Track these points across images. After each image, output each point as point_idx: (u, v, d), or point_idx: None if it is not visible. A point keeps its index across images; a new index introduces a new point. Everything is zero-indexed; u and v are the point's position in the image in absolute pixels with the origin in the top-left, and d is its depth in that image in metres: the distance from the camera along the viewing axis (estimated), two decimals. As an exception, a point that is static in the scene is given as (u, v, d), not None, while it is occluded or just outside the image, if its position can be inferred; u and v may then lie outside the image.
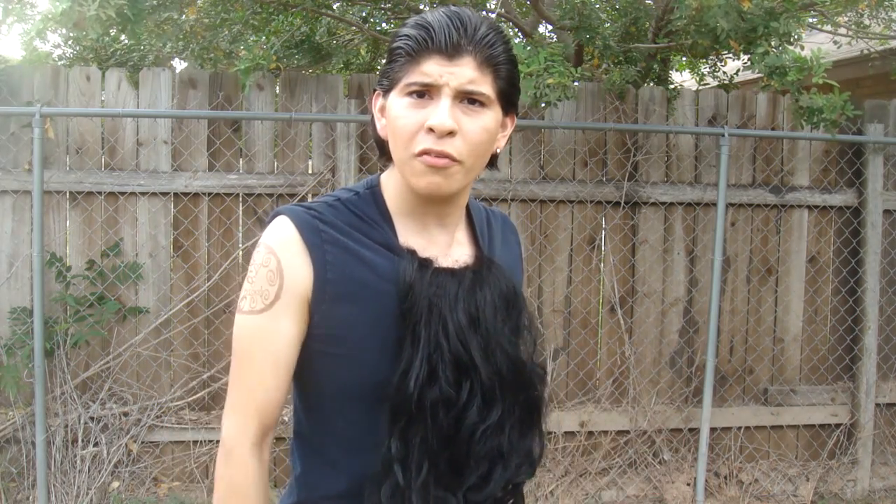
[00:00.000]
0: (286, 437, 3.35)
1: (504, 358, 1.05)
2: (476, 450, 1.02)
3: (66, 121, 3.31)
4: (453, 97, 1.00)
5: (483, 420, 1.03)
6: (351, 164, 3.42)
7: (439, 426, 1.01)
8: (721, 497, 3.63)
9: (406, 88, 1.01)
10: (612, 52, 3.73)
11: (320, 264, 1.03)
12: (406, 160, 1.03)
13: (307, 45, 4.43)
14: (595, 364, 3.72)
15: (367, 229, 1.07)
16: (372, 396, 1.03)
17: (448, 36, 0.99)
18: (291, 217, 1.05)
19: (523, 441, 1.08)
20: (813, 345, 3.88)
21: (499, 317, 1.06)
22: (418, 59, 1.00)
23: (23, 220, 3.30)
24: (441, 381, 1.01)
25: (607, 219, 3.69)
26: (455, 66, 1.00)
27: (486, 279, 1.07)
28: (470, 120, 1.01)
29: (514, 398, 1.07)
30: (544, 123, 3.52)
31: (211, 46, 4.47)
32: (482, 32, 1.01)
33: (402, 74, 1.02)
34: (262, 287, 1.04)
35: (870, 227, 3.78)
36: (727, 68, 5.15)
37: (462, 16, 1.01)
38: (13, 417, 3.23)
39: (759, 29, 3.10)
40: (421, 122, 1.00)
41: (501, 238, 1.23)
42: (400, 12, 5.17)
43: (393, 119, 1.03)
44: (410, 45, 1.00)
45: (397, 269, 1.04)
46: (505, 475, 1.05)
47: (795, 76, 3.02)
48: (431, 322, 1.01)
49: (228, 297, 3.42)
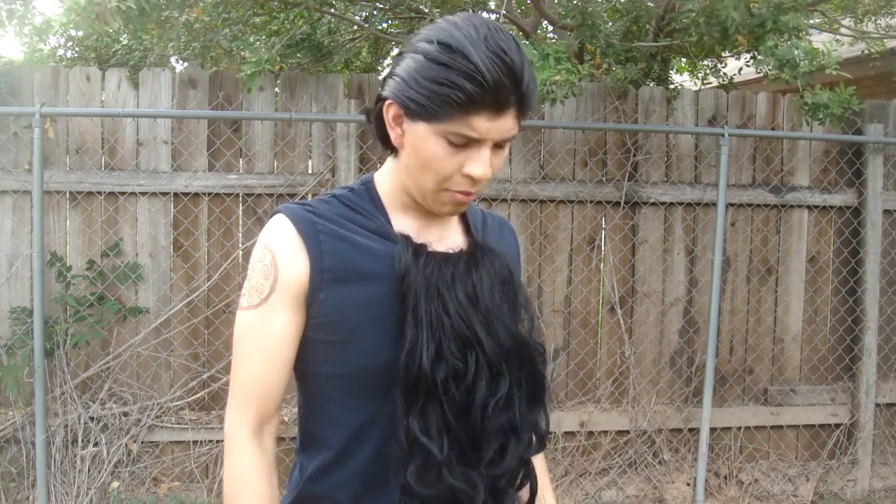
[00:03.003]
0: (286, 438, 3.35)
1: (506, 332, 1.07)
2: (490, 424, 1.04)
3: (66, 121, 3.31)
4: (491, 146, 1.03)
5: (493, 393, 1.05)
6: (351, 164, 3.42)
7: (452, 401, 1.02)
8: (721, 497, 3.63)
9: (449, 135, 1.01)
10: (614, 50, 3.73)
11: (316, 253, 1.05)
12: (434, 191, 1.06)
13: (307, 43, 4.43)
14: (595, 364, 3.72)
15: (361, 220, 1.10)
16: (377, 380, 1.05)
17: (500, 92, 0.98)
18: (287, 213, 1.08)
19: (531, 415, 1.10)
20: (813, 345, 3.88)
21: (496, 295, 1.08)
22: (467, 111, 0.99)
23: (23, 220, 3.30)
24: (447, 357, 1.02)
25: (607, 219, 3.69)
26: (500, 120, 1.00)
27: (481, 262, 1.10)
28: (495, 157, 1.04)
29: (519, 372, 1.08)
30: (544, 123, 3.52)
31: (212, 45, 4.47)
32: (526, 81, 1.00)
33: (446, 119, 1.00)
34: (258, 282, 1.07)
35: (870, 227, 3.78)
36: (727, 69, 5.15)
37: (507, 59, 0.98)
38: (13, 417, 3.23)
39: (767, 24, 3.10)
40: (458, 166, 1.03)
41: (499, 234, 1.25)
42: (401, 12, 5.18)
43: (427, 155, 1.03)
44: (462, 98, 0.97)
45: (393, 254, 1.06)
46: (519, 449, 1.07)
47: (808, 67, 3.01)
48: (431, 301, 1.03)
49: (228, 297, 3.42)
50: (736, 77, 5.09)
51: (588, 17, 3.54)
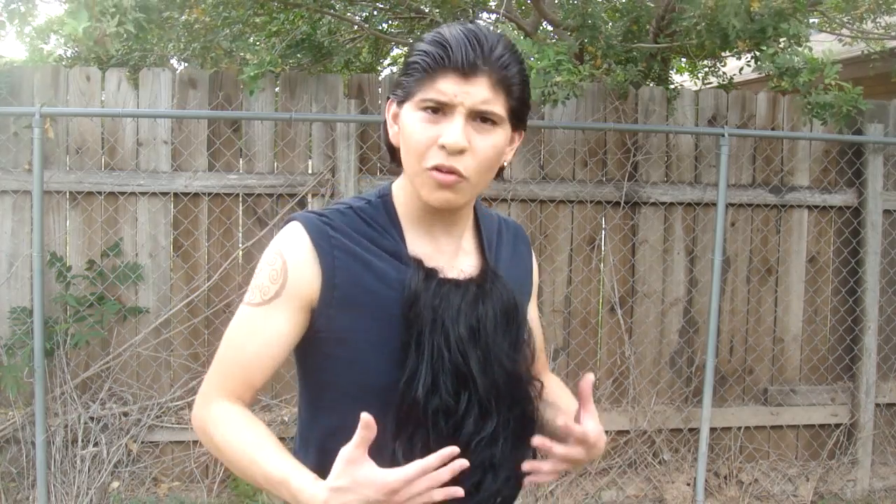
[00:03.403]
0: (285, 438, 3.35)
1: (501, 372, 1.08)
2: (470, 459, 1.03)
3: (66, 121, 3.31)
4: (466, 115, 1.02)
5: (478, 431, 1.06)
6: (351, 164, 3.42)
7: (440, 433, 1.03)
8: (721, 497, 3.63)
9: (421, 103, 1.03)
10: (614, 51, 3.73)
11: (329, 269, 1.05)
12: (418, 172, 1.05)
13: (307, 43, 4.43)
14: (595, 364, 3.72)
15: (376, 237, 1.09)
16: (374, 399, 1.05)
17: (465, 55, 1.00)
18: (304, 222, 1.08)
19: (516, 453, 1.10)
20: (813, 345, 3.88)
21: (499, 331, 1.09)
22: (434, 75, 1.01)
23: (23, 220, 3.30)
24: (442, 391, 1.03)
25: (607, 219, 3.69)
26: (470, 85, 1.01)
27: (488, 292, 1.10)
28: (481, 138, 1.04)
29: (509, 411, 1.09)
30: (544, 123, 3.52)
31: (212, 46, 4.47)
32: (498, 52, 1.02)
33: (418, 89, 1.03)
34: (263, 283, 1.08)
35: (870, 227, 3.78)
36: (727, 69, 5.15)
37: (479, 34, 1.02)
38: (13, 417, 3.23)
39: (767, 30, 3.10)
40: (434, 137, 1.02)
41: (512, 249, 1.26)
42: (401, 12, 5.18)
43: (407, 131, 1.05)
44: (427, 61, 1.01)
45: (403, 278, 1.06)
46: (494, 485, 1.08)
47: (808, 77, 3.02)
48: (435, 332, 1.04)
49: (228, 298, 3.42)
50: (736, 77, 5.09)
51: (589, 17, 3.54)
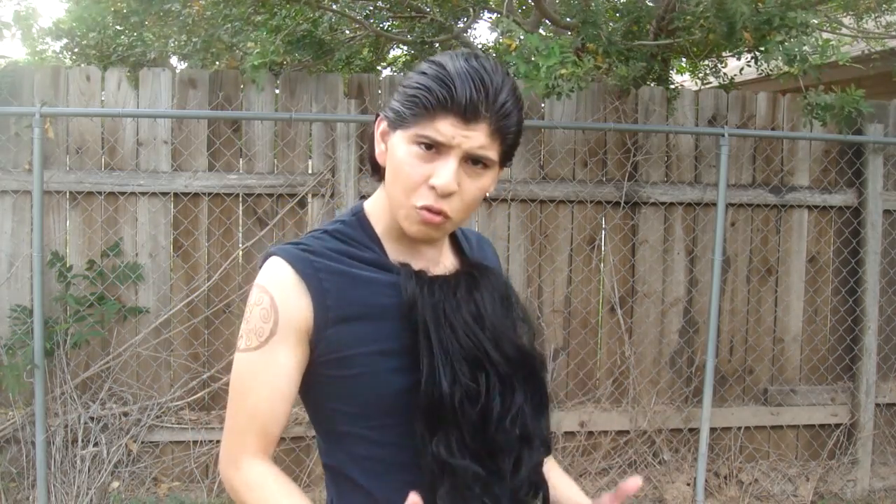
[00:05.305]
0: (286, 438, 3.36)
1: (512, 346, 1.08)
2: (505, 438, 1.05)
3: (66, 121, 3.31)
4: (460, 158, 1.01)
5: (507, 408, 1.06)
6: (351, 164, 3.42)
7: (468, 420, 1.03)
8: (721, 497, 3.63)
9: (416, 138, 1.01)
10: (616, 49, 3.72)
11: (318, 294, 1.04)
12: (403, 206, 1.04)
13: (308, 40, 4.43)
14: (595, 364, 3.72)
15: (356, 253, 1.09)
16: (389, 410, 1.05)
17: (469, 99, 0.98)
18: (282, 255, 1.06)
19: (538, 423, 1.11)
20: (813, 345, 3.88)
21: (499, 312, 1.10)
22: (434, 114, 1.00)
23: (23, 220, 3.30)
24: (461, 379, 1.03)
25: (607, 219, 3.69)
26: (470, 130, 1.00)
27: (480, 281, 1.11)
28: (471, 181, 1.03)
29: (526, 384, 1.09)
30: (544, 123, 3.52)
31: (212, 41, 4.46)
32: (501, 99, 1.00)
33: (414, 123, 1.01)
34: (257, 325, 1.05)
35: (870, 227, 3.78)
36: (727, 69, 5.15)
37: (485, 76, 0.99)
38: (13, 417, 3.23)
39: (774, 21, 3.10)
40: (426, 176, 1.02)
41: (481, 252, 1.26)
42: (400, 11, 5.18)
43: (396, 161, 1.04)
44: (429, 99, 0.99)
45: (396, 285, 1.06)
46: (532, 457, 1.09)
47: (819, 60, 3.01)
48: (440, 327, 1.03)
49: (228, 297, 3.42)
50: (736, 77, 5.09)
51: (590, 15, 3.54)
